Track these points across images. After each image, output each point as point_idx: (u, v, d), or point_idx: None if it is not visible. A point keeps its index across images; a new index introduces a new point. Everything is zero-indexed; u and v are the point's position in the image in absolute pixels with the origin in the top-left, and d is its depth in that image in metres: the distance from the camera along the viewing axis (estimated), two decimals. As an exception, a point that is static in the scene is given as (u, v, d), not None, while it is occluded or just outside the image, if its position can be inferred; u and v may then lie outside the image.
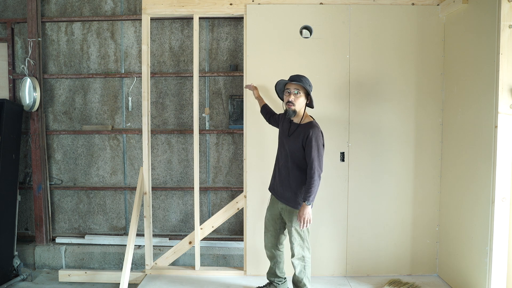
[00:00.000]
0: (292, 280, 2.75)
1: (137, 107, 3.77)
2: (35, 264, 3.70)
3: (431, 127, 3.18)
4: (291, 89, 2.50)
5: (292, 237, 2.57)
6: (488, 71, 2.55)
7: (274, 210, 2.69)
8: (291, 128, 2.56)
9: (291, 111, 2.51)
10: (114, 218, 3.87)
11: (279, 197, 2.61)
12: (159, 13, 3.21)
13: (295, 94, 2.48)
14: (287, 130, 2.58)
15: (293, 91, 2.49)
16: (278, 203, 2.64)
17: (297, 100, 2.49)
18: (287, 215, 2.58)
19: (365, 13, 3.13)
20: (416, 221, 3.22)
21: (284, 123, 2.66)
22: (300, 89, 2.49)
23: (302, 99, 2.51)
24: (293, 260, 2.60)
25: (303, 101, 2.52)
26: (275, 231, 2.73)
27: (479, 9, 2.66)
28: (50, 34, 3.79)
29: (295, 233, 2.55)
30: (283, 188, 2.57)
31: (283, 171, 2.58)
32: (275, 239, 2.74)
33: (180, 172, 3.80)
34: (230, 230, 3.82)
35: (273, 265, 2.83)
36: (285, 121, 2.65)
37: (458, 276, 2.92)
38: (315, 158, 2.40)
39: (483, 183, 2.60)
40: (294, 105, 2.49)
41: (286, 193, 2.56)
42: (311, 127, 2.46)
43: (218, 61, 3.73)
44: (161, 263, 3.39)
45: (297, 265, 2.61)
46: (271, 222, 2.72)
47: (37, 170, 3.68)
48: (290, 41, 3.14)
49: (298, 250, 2.57)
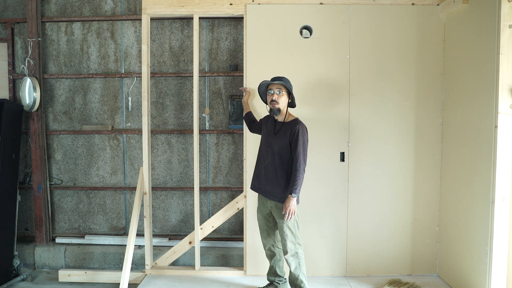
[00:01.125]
0: (288, 279, 2.78)
1: (137, 107, 3.77)
2: (35, 264, 3.70)
3: (431, 127, 3.18)
4: (273, 89, 2.64)
5: (284, 234, 2.62)
6: (488, 71, 2.55)
7: (265, 210, 2.75)
8: (277, 127, 2.68)
9: (275, 109, 2.64)
10: (114, 218, 3.87)
11: (268, 195, 2.67)
12: (159, 13, 3.21)
13: (277, 93, 2.62)
14: (273, 129, 2.69)
15: (275, 91, 2.63)
16: (267, 202, 2.71)
17: (280, 99, 2.62)
18: (277, 212, 2.63)
19: (365, 13, 3.13)
20: (416, 221, 3.22)
21: (267, 124, 2.77)
22: (282, 88, 2.64)
23: (284, 98, 2.65)
24: (287, 257, 2.65)
25: (285, 100, 2.66)
26: (270, 229, 2.80)
27: (479, 9, 2.66)
28: (50, 34, 3.79)
29: (286, 230, 2.61)
30: (272, 186, 2.64)
31: (270, 170, 2.65)
32: (271, 237, 2.81)
33: (180, 172, 3.80)
34: (230, 230, 3.82)
35: (273, 263, 2.86)
36: (269, 121, 2.77)
37: (458, 276, 2.92)
38: (301, 153, 2.54)
39: (483, 183, 2.60)
40: (278, 103, 2.62)
41: (276, 190, 2.63)
42: (297, 123, 2.61)
43: (218, 61, 3.73)
44: (161, 263, 3.39)
45: (292, 262, 2.65)
46: (264, 222, 2.80)
47: (37, 170, 3.68)
48: (290, 41, 3.14)
49: (290, 246, 2.62)
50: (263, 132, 2.80)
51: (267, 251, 2.85)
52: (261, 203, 2.78)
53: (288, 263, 2.67)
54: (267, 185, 2.67)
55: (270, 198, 2.66)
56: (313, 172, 3.17)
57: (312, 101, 3.16)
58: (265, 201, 2.73)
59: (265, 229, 2.80)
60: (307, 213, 3.20)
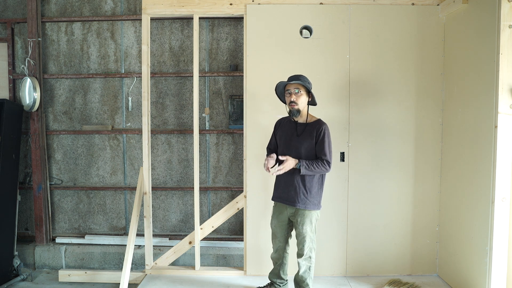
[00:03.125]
0: (294, 279, 2.75)
1: (137, 107, 3.77)
2: (35, 264, 3.70)
3: (431, 127, 3.18)
4: (291, 89, 2.52)
5: (303, 238, 2.56)
6: (488, 71, 2.55)
7: (282, 217, 2.65)
8: (299, 128, 2.57)
9: (295, 111, 2.52)
10: (114, 218, 3.87)
11: (291, 203, 2.55)
12: (159, 13, 3.21)
13: (296, 93, 2.50)
14: (295, 131, 2.57)
15: (293, 91, 2.51)
16: (287, 209, 2.61)
17: (299, 99, 2.51)
18: (300, 218, 2.55)
19: (365, 13, 3.13)
20: (416, 221, 3.22)
21: (285, 127, 2.65)
22: (301, 88, 2.51)
23: (304, 98, 2.53)
24: (300, 260, 2.61)
25: (305, 100, 2.55)
26: (283, 237, 2.71)
27: (479, 9, 2.66)
28: (50, 34, 3.79)
29: (307, 236, 2.55)
30: (297, 192, 2.52)
31: (294, 174, 2.52)
32: (283, 244, 2.73)
33: (180, 172, 3.80)
34: (230, 230, 3.82)
35: (278, 266, 2.81)
36: (286, 124, 2.65)
37: (458, 276, 2.92)
38: (329, 151, 2.49)
39: (483, 183, 2.60)
40: (297, 104, 2.51)
41: (300, 195, 2.51)
42: (321, 123, 2.54)
43: (218, 61, 3.73)
44: (161, 263, 3.39)
45: (303, 265, 2.62)
46: (279, 229, 2.69)
47: (37, 170, 3.68)
48: (290, 41, 3.14)
49: (307, 251, 2.58)
50: (282, 136, 2.64)
51: (276, 254, 2.78)
52: (280, 210, 2.66)
53: (299, 265, 2.63)
54: (290, 191, 2.54)
55: (294, 205, 2.54)
56: (313, 172, 3.17)
57: (312, 101, 3.16)
58: (284, 209, 2.62)
59: (279, 236, 2.70)
60: (307, 213, 3.20)
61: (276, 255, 2.78)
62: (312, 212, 2.55)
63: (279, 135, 2.69)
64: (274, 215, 2.71)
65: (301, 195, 2.52)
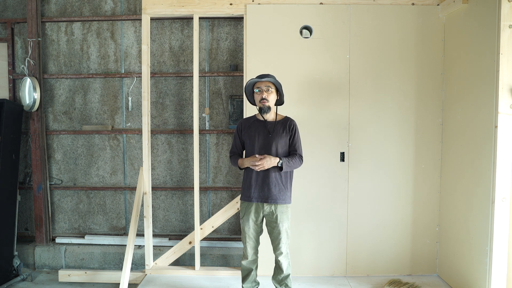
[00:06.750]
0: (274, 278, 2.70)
1: (137, 107, 3.77)
2: (35, 264, 3.70)
3: (431, 127, 3.18)
4: (262, 86, 2.55)
5: (281, 237, 2.57)
6: (488, 71, 2.55)
7: (258, 217, 2.60)
8: (269, 126, 2.59)
9: (266, 108, 2.55)
10: (114, 218, 3.87)
11: (272, 201, 2.54)
12: (159, 13, 3.21)
13: (267, 90, 2.54)
14: (265, 130, 2.58)
15: (264, 88, 2.54)
16: (263, 208, 2.57)
17: (270, 96, 2.55)
18: (280, 214, 2.55)
19: (365, 13, 3.13)
20: (416, 221, 3.22)
21: (254, 126, 2.62)
22: (271, 86, 2.56)
23: (273, 96, 2.58)
24: (281, 258, 2.62)
25: (274, 97, 2.60)
26: (256, 238, 2.66)
27: (479, 9, 2.66)
28: (50, 34, 3.79)
29: (284, 234, 2.58)
30: (274, 188, 2.53)
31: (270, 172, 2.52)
32: (256, 245, 2.68)
33: (180, 172, 3.80)
34: (230, 230, 3.82)
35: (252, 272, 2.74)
36: (254, 124, 2.63)
37: (458, 276, 2.92)
38: (300, 144, 2.63)
39: (483, 183, 2.60)
40: (268, 101, 2.54)
41: (277, 190, 2.53)
42: (291, 120, 2.63)
43: (218, 61, 3.73)
44: (161, 263, 3.39)
45: (284, 262, 2.64)
46: (253, 230, 2.62)
47: (37, 170, 3.68)
48: (290, 41, 3.14)
49: (285, 248, 2.61)
50: (250, 136, 2.61)
51: (250, 259, 2.69)
52: (254, 210, 2.58)
53: (280, 264, 2.62)
54: (270, 189, 2.52)
55: (271, 202, 2.53)
56: (313, 172, 3.17)
57: (312, 101, 3.16)
58: (261, 208, 2.58)
59: (252, 237, 2.63)
60: (307, 213, 3.20)
61: (252, 260, 2.70)
62: (289, 206, 2.60)
63: (248, 135, 2.63)
64: (248, 216, 2.60)
65: (281, 191, 2.55)
